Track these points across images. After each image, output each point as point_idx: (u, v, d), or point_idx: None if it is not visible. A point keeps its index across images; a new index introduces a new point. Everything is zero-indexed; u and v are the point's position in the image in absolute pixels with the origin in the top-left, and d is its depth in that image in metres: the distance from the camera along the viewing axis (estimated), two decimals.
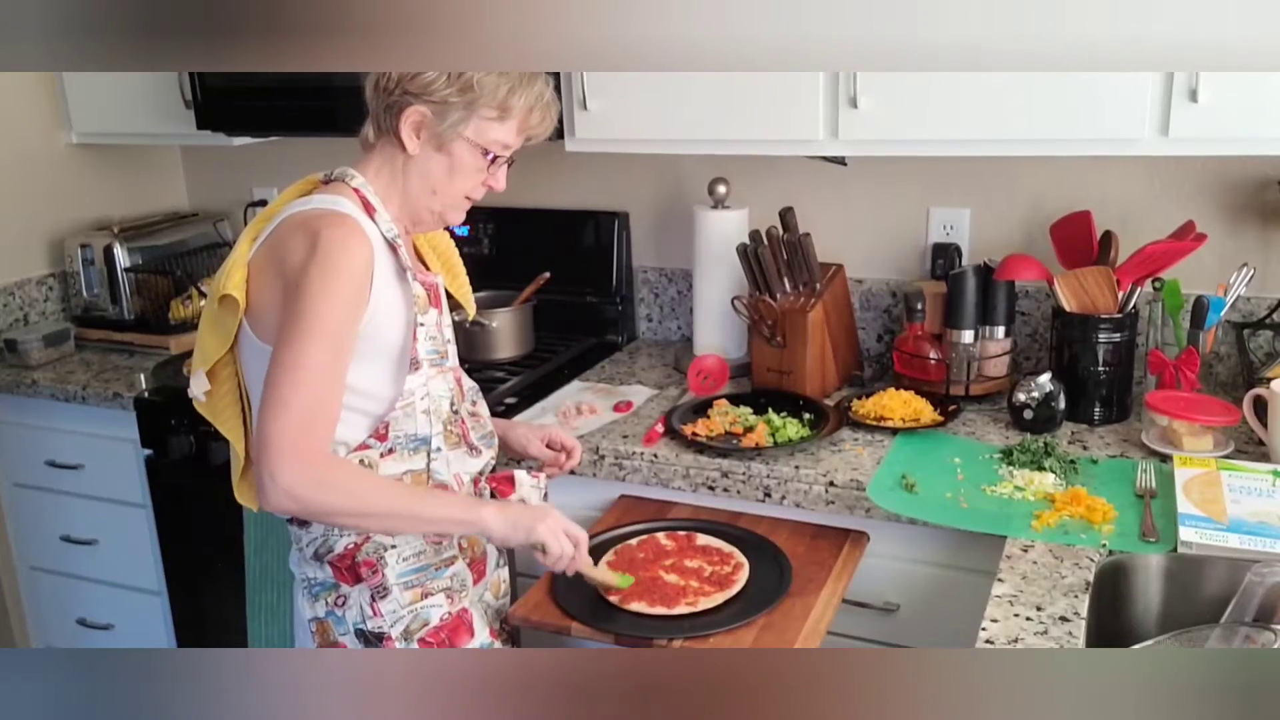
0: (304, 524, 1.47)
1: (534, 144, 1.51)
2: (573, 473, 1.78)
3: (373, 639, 1.46)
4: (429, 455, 1.47)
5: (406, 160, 1.44)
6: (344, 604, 1.46)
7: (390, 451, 1.44)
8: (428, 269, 1.61)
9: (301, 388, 1.30)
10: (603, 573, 1.57)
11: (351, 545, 1.45)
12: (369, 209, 1.43)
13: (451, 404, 1.51)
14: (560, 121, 2.06)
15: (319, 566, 1.47)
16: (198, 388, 1.45)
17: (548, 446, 1.71)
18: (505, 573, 1.68)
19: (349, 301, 1.34)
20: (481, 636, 1.53)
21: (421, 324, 1.45)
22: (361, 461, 1.42)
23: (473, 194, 1.49)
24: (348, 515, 1.37)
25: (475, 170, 1.45)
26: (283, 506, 1.32)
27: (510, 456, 1.74)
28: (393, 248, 1.44)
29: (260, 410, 1.32)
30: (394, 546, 1.46)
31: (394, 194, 1.46)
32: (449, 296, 1.61)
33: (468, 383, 1.62)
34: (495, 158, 1.45)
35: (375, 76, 1.42)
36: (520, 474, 1.62)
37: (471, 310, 1.73)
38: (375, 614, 1.45)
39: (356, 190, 1.44)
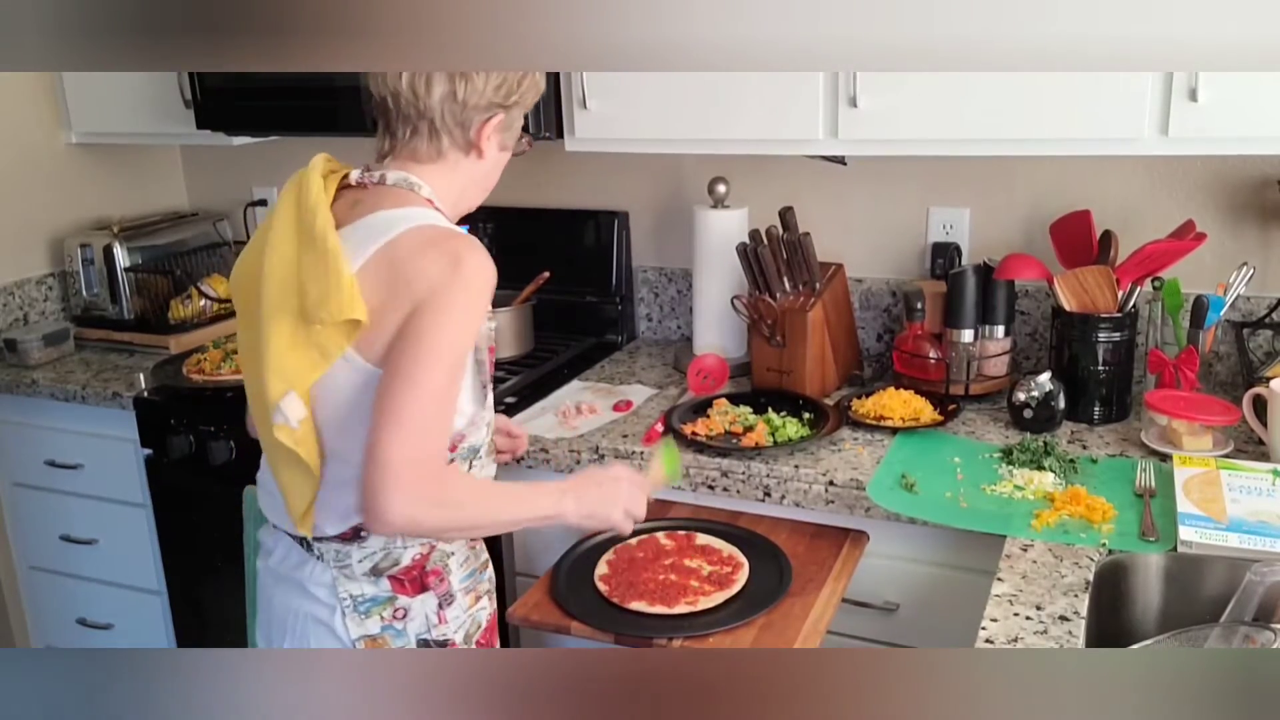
0: (359, 539, 1.40)
1: None
2: (519, 461, 1.84)
3: (437, 645, 1.44)
4: (472, 463, 1.45)
5: (469, 164, 1.43)
6: (405, 616, 1.42)
7: (451, 462, 1.41)
8: None
9: (423, 408, 1.27)
10: (654, 480, 1.63)
11: (420, 556, 1.42)
12: None
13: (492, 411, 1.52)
14: (560, 121, 2.09)
15: (373, 582, 1.41)
16: (293, 413, 1.31)
17: (508, 435, 1.77)
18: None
19: (478, 325, 1.34)
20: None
21: (492, 341, 1.46)
22: None
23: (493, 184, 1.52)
24: (456, 530, 1.39)
25: (504, 161, 1.48)
26: (395, 528, 1.29)
27: None
28: None
29: (378, 431, 1.26)
30: (453, 554, 1.45)
31: (449, 200, 1.44)
32: None
33: None
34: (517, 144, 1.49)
35: (449, 89, 1.35)
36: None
37: None
38: (441, 621, 1.43)
39: (429, 201, 1.40)
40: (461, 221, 1.52)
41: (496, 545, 1.82)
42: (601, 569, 1.62)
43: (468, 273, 1.29)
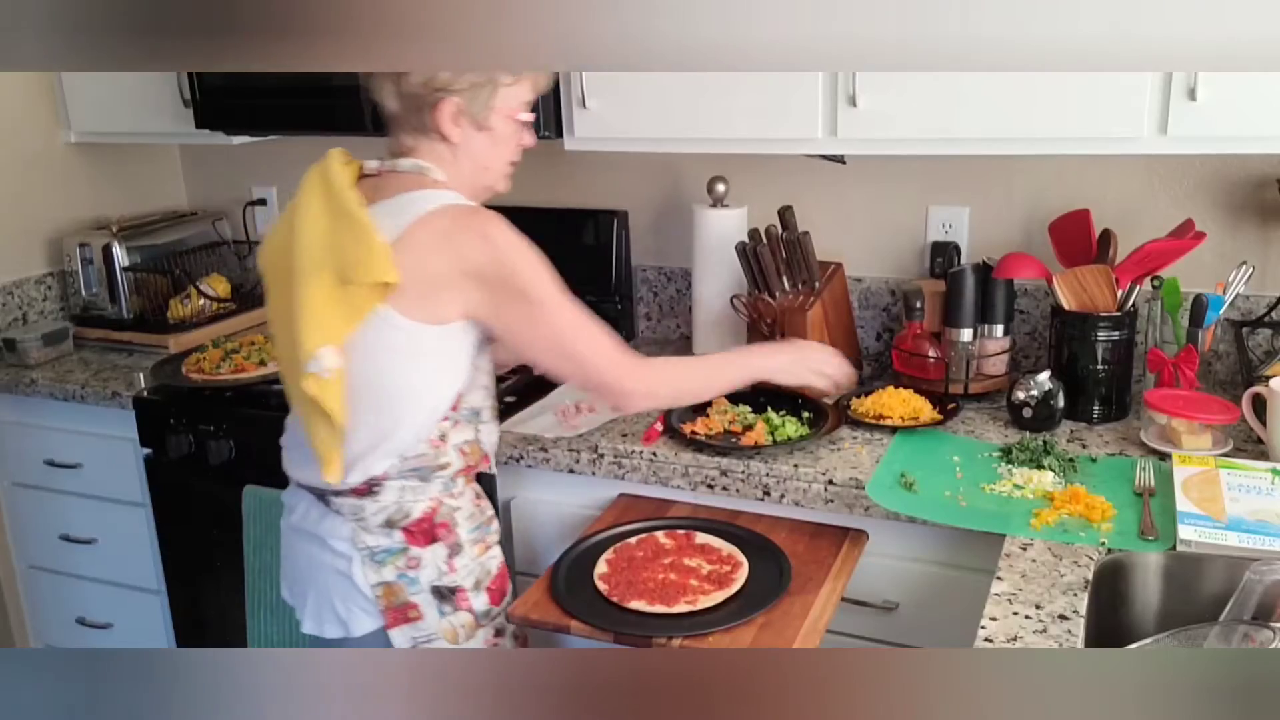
0: (372, 493, 1.53)
1: (540, 93, 1.62)
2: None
3: (447, 593, 1.56)
4: (477, 427, 1.58)
5: (453, 149, 1.54)
6: (417, 565, 1.54)
7: (456, 423, 1.55)
8: None
9: (584, 335, 1.53)
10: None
11: (429, 510, 1.55)
12: None
13: (493, 378, 1.65)
14: (559, 120, 2.09)
15: (387, 534, 1.54)
16: (330, 363, 1.44)
17: None
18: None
19: (541, 261, 1.50)
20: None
21: None
22: (441, 434, 1.54)
23: (515, 158, 1.62)
24: (690, 397, 1.76)
25: (511, 135, 1.58)
26: (643, 408, 1.61)
27: None
28: None
29: (569, 375, 1.56)
30: (459, 508, 1.59)
31: (459, 182, 1.55)
32: None
33: None
34: (523, 120, 1.58)
35: (392, 86, 1.50)
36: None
37: None
38: (451, 570, 1.56)
39: (443, 183, 1.53)
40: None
41: None
42: (601, 568, 1.62)
43: (502, 240, 1.47)
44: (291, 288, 1.45)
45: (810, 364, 1.77)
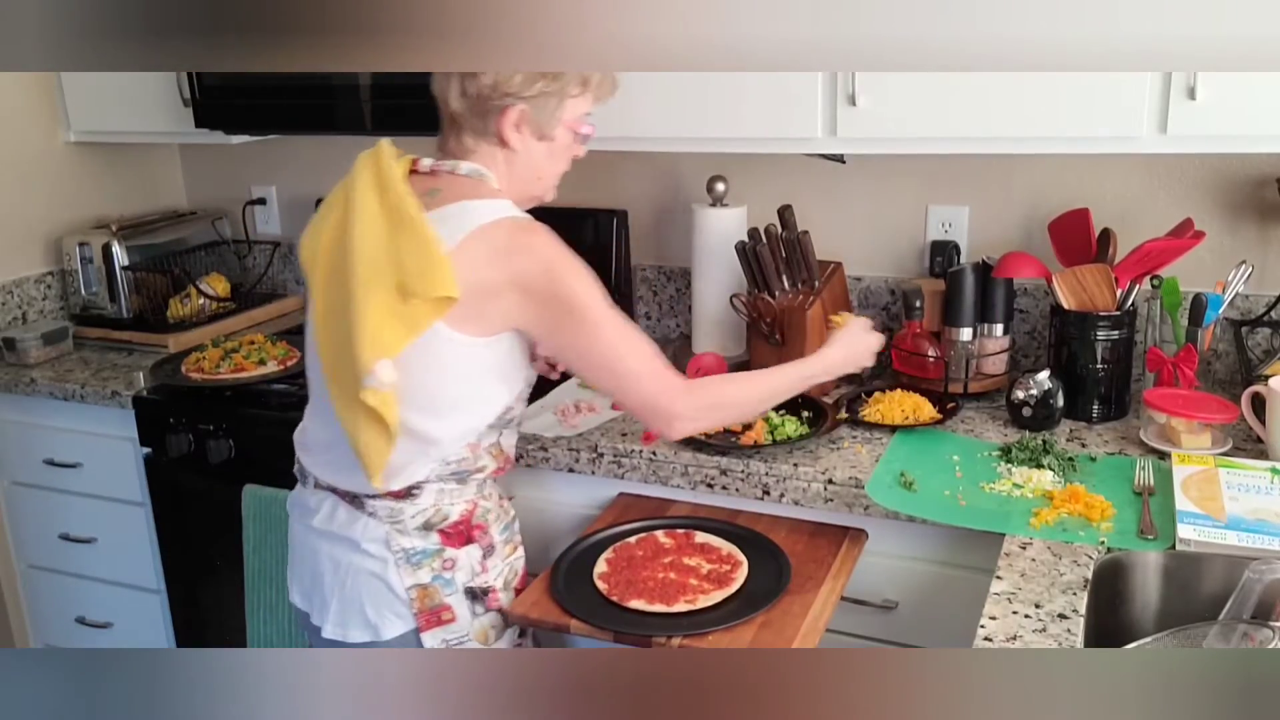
0: (410, 496, 1.52)
1: (602, 104, 1.59)
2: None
3: (480, 594, 1.56)
4: (501, 430, 1.59)
5: (509, 155, 1.53)
6: (453, 566, 1.54)
7: (491, 427, 1.56)
8: None
9: (634, 353, 1.50)
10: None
11: (466, 512, 1.56)
12: None
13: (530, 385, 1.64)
14: None
15: (424, 536, 1.53)
16: (389, 378, 1.42)
17: None
18: None
19: (589, 274, 1.49)
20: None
21: None
22: (483, 443, 1.56)
23: (567, 168, 1.60)
24: (737, 418, 1.74)
25: (569, 147, 1.57)
26: (689, 432, 1.56)
27: None
28: None
29: (615, 392, 1.55)
30: (491, 509, 1.60)
31: (511, 190, 1.54)
32: None
33: None
34: (583, 132, 1.56)
35: (458, 85, 1.48)
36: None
37: None
38: (484, 570, 1.57)
39: (498, 191, 1.52)
40: None
41: None
42: (601, 567, 1.62)
43: (552, 255, 1.46)
44: (348, 292, 1.42)
45: (860, 346, 1.74)
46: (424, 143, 1.59)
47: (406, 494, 1.52)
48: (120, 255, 2.61)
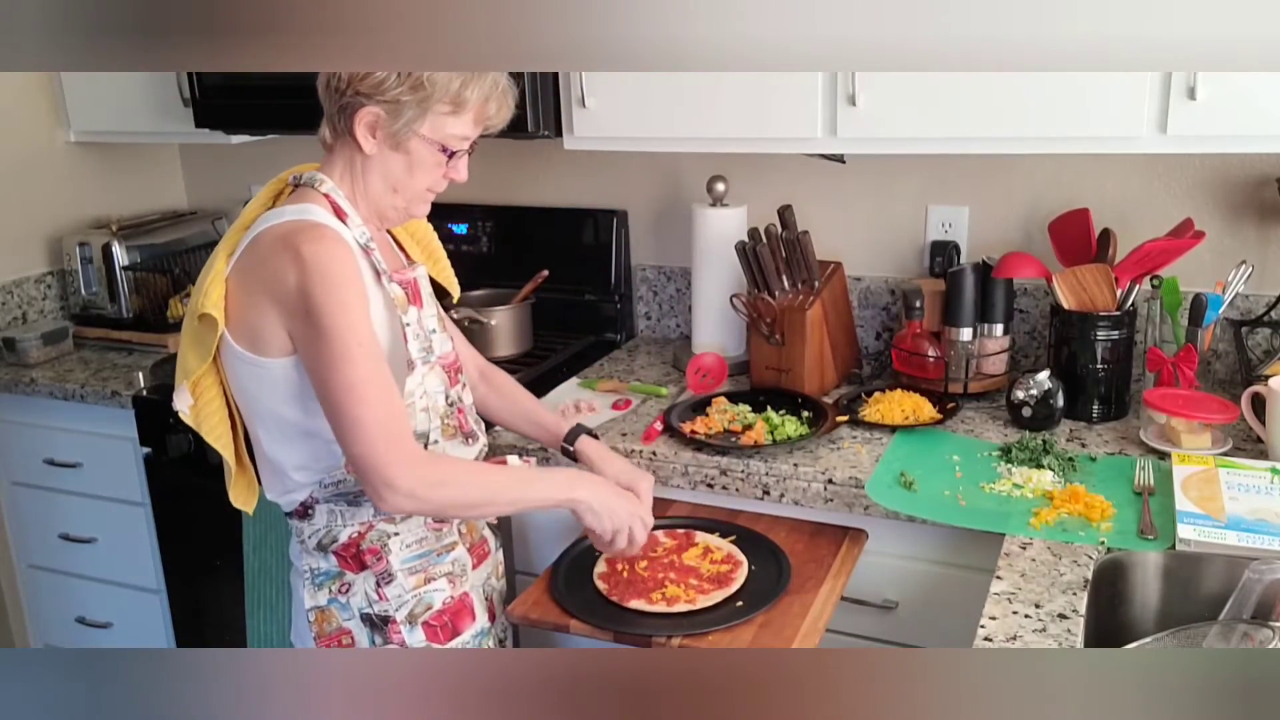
0: (306, 516, 1.49)
1: (492, 132, 1.50)
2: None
3: (379, 621, 1.50)
4: (425, 449, 1.48)
5: (365, 160, 1.43)
6: (349, 591, 1.50)
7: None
8: (409, 259, 1.62)
9: (367, 403, 1.32)
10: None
11: (355, 535, 1.48)
12: (340, 214, 1.43)
13: (446, 396, 1.53)
14: (558, 119, 2.09)
15: (323, 556, 1.50)
16: (181, 402, 1.46)
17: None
18: (501, 554, 1.71)
19: (361, 307, 1.35)
20: (481, 621, 1.58)
21: (407, 324, 1.46)
22: None
23: (435, 187, 1.48)
24: (466, 507, 1.46)
25: (435, 165, 1.45)
26: (405, 509, 1.37)
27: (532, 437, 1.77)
28: (366, 251, 1.44)
29: (340, 438, 1.35)
30: (397, 534, 1.50)
31: (358, 194, 1.46)
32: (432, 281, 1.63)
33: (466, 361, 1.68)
34: (453, 152, 1.44)
35: (325, 77, 1.41)
36: (512, 459, 1.61)
37: (456, 292, 1.75)
38: (381, 599, 1.50)
39: (327, 195, 1.44)
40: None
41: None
42: (600, 567, 1.62)
43: (312, 263, 1.32)
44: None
45: (629, 509, 1.53)
46: None
47: (304, 512, 1.49)
48: (120, 255, 2.61)
